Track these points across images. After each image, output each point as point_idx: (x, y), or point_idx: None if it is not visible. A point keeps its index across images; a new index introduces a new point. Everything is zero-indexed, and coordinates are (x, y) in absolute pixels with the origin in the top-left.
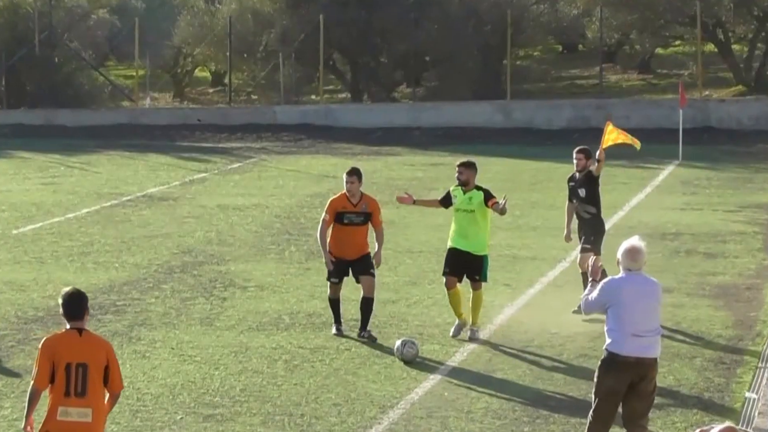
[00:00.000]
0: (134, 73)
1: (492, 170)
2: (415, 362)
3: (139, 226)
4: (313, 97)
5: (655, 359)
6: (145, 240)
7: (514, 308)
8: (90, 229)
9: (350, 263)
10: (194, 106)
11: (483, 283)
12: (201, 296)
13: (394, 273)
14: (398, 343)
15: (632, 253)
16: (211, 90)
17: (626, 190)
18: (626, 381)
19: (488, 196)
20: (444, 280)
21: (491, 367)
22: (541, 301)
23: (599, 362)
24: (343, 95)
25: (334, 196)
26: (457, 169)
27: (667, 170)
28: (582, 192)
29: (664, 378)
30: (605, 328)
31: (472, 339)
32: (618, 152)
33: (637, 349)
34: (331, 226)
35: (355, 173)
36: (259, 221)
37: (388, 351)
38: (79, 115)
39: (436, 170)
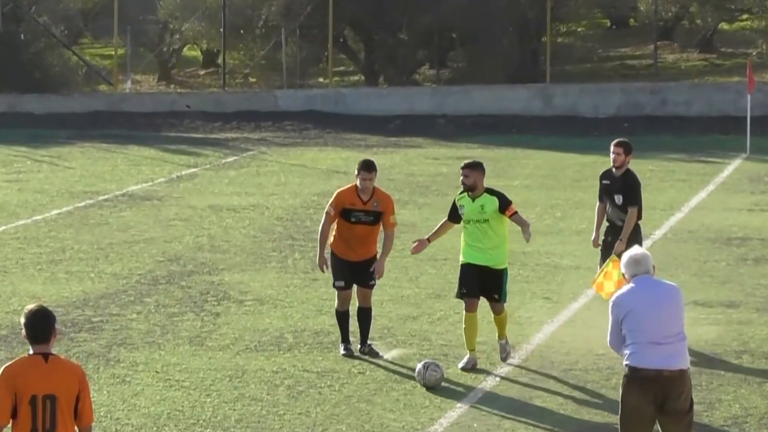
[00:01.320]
0: (113, 53)
1: (529, 165)
2: (440, 388)
3: (118, 229)
4: (321, 79)
5: (681, 371)
6: (125, 246)
7: (554, 325)
8: (61, 234)
9: (354, 266)
10: (182, 90)
11: (504, 303)
12: (190, 311)
13: (414, 285)
14: (420, 366)
15: (634, 258)
16: (202, 72)
17: (685, 188)
18: (650, 398)
19: (504, 203)
20: (463, 303)
21: (528, 393)
22: (586, 317)
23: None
24: (356, 78)
25: (343, 189)
26: (461, 171)
27: (733, 165)
28: (619, 198)
29: (729, 406)
30: (624, 346)
31: (504, 352)
32: (675, 145)
33: (657, 360)
34: (336, 221)
35: (375, 169)
36: (257, 224)
37: (408, 375)
38: (48, 101)
39: (471, 159)
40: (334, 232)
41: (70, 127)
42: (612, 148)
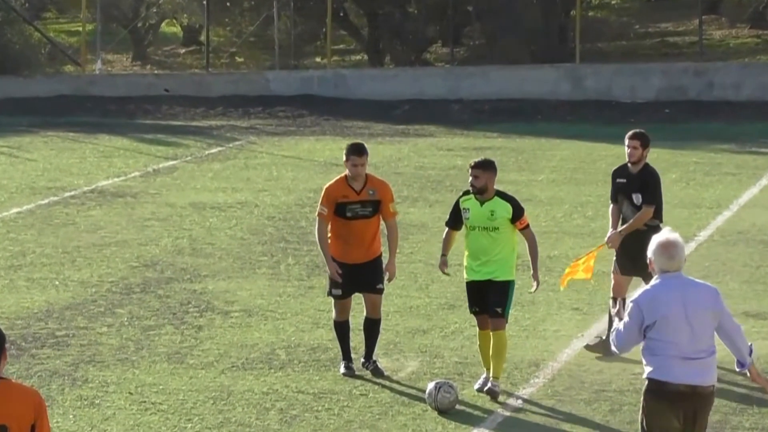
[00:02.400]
0: (80, 29)
1: (556, 157)
2: (454, 412)
3: (86, 231)
4: (318, 59)
5: (713, 387)
6: (94, 249)
7: (585, 340)
8: (21, 235)
9: (357, 269)
10: (160, 71)
11: (506, 322)
12: (169, 324)
13: (425, 293)
14: (431, 386)
15: (667, 247)
16: (182, 50)
17: (735, 183)
18: (680, 415)
19: (518, 212)
20: (475, 320)
21: (554, 418)
22: None
23: (642, 397)
24: (358, 57)
25: (330, 183)
26: (470, 171)
27: None
28: (638, 198)
29: None
30: (643, 353)
31: (493, 398)
32: (723, 134)
33: (689, 376)
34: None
35: (365, 152)
36: (245, 224)
37: (418, 397)
38: (6, 83)
39: (482, 156)
40: (329, 234)
41: (31, 114)
42: (627, 141)
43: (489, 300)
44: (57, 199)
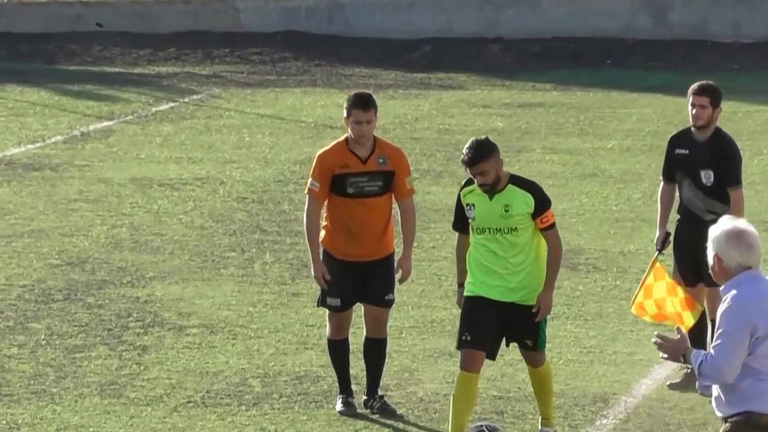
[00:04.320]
0: None
1: (632, 116)
2: None
3: None
4: None
5: None
6: (0, 242)
7: (669, 366)
8: None
9: (362, 270)
10: None
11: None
12: (101, 344)
13: (452, 303)
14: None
15: (742, 236)
16: None
17: None
18: None
19: (542, 204)
20: (460, 355)
21: None
22: None
23: None
24: None
25: (326, 149)
26: (468, 170)
27: None
28: (707, 176)
29: None
30: (735, 381)
31: None
32: None
33: None
34: (326, 202)
35: (373, 105)
36: (207, 208)
37: None
38: None
39: (530, 116)
40: (324, 221)
41: None
42: (691, 97)
43: (512, 331)
44: None
